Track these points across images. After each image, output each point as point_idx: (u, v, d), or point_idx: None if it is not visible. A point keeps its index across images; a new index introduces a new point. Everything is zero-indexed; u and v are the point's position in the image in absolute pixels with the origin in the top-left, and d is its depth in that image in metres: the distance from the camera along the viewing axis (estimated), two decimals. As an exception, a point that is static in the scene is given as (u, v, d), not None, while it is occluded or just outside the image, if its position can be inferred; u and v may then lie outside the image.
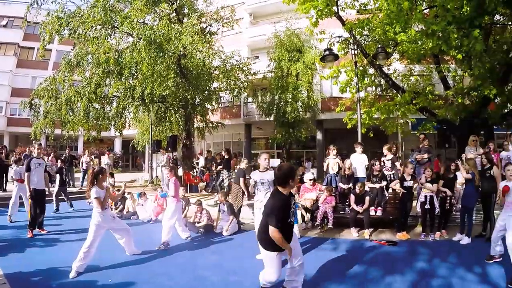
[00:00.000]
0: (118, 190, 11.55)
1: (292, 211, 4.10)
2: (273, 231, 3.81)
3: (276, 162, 14.91)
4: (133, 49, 13.37)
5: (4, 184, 13.61)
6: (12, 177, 10.82)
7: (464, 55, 9.56)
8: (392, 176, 9.37)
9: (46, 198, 8.84)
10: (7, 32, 32.05)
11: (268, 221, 3.89)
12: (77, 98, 15.02)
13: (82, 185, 15.80)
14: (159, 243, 7.16)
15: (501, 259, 5.64)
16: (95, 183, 5.95)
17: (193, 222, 9.03)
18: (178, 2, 15.43)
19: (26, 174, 8.17)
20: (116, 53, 13.83)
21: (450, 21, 7.85)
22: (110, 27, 13.91)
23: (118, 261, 6.17)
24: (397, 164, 10.04)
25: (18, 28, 30.41)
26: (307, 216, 8.92)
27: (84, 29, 13.33)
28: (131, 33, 13.69)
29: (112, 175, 14.42)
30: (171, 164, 7.27)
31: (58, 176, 12.04)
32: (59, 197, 11.73)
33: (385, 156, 9.87)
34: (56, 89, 15.43)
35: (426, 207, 7.61)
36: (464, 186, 7.79)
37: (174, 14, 15.27)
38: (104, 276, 5.48)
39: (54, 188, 11.68)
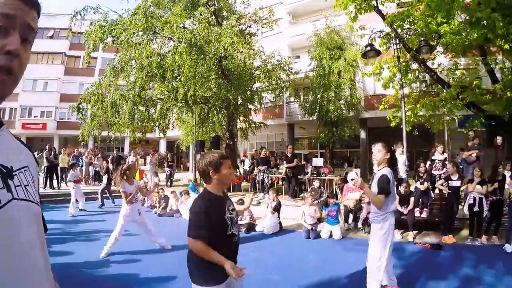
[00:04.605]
0: (162, 190, 12.10)
1: (230, 217, 2.62)
2: (192, 243, 2.47)
3: (319, 161, 14.59)
4: (174, 53, 13.70)
5: (56, 182, 15.35)
6: (69, 179, 11.78)
7: (511, 44, 8.99)
8: (442, 175, 9.02)
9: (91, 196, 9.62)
10: (54, 42, 33.85)
11: (188, 231, 2.50)
12: (122, 101, 15.72)
13: None
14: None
15: None
16: (125, 178, 6.30)
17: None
18: (216, 5, 15.65)
19: None
20: (159, 57, 14.28)
21: (494, 7, 7.36)
22: (151, 32, 14.38)
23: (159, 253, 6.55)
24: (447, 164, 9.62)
25: (64, 39, 32.16)
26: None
27: (127, 35, 13.76)
28: (172, 37, 14.00)
29: (156, 174, 14.98)
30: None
31: (106, 176, 13.17)
32: (104, 195, 12.91)
33: (436, 155, 9.47)
34: (102, 94, 16.16)
35: (474, 209, 7.17)
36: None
37: (213, 17, 15.44)
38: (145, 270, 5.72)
39: (100, 187, 13.26)
